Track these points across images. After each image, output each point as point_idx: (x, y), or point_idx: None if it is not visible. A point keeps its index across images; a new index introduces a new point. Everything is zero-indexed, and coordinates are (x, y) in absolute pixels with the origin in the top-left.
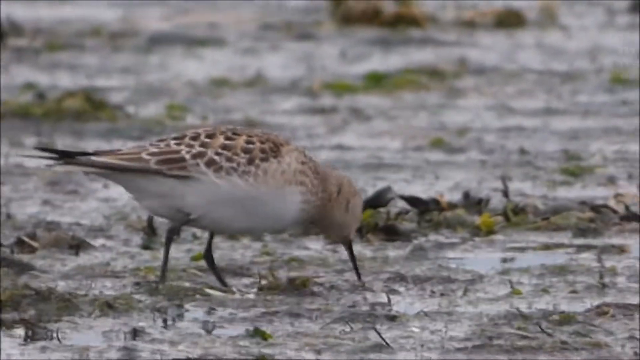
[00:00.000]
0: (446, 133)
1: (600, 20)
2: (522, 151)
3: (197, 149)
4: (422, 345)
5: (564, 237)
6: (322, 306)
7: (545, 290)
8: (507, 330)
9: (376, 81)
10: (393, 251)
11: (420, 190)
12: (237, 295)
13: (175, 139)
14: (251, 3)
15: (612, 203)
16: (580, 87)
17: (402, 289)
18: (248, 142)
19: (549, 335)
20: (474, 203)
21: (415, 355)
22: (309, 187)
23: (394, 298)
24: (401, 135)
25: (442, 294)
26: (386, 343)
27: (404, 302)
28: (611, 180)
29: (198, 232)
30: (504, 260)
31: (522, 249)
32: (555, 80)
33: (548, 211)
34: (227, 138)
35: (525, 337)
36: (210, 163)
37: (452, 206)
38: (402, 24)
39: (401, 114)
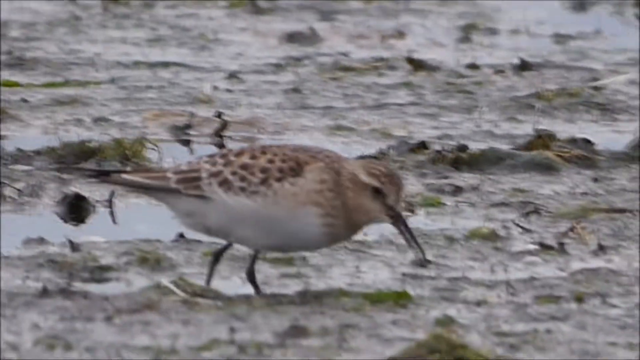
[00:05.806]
0: None
1: None
2: None
3: (218, 167)
4: None
5: None
6: None
7: None
8: None
9: None
10: None
11: None
12: None
13: (209, 156)
14: None
15: None
16: None
17: None
18: (269, 161)
19: None
20: None
21: None
22: (325, 207)
23: None
24: None
25: None
26: None
27: None
28: None
29: None
30: None
31: None
32: None
33: None
34: (252, 157)
35: None
36: (223, 182)
37: None
38: None
39: None
